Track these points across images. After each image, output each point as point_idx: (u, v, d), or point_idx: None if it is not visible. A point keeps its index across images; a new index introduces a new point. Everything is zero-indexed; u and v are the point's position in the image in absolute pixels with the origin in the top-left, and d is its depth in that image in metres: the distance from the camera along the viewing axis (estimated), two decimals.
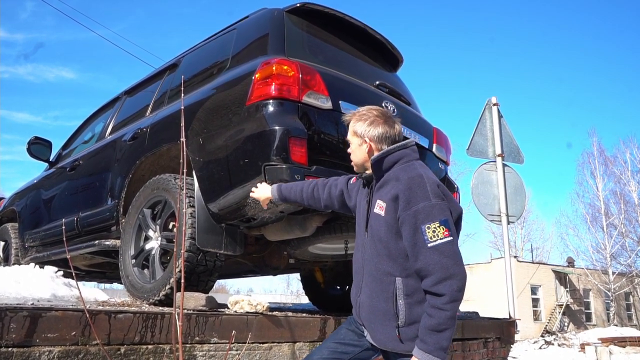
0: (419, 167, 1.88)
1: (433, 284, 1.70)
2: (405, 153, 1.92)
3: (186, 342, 2.32)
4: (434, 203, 1.75)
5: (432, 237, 1.71)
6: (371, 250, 1.91)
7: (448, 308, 1.69)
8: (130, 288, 3.18)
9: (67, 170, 4.42)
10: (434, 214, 1.73)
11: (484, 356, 4.10)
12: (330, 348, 2.02)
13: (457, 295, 1.70)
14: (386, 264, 1.84)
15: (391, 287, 1.82)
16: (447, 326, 1.69)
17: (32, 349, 1.91)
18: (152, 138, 3.37)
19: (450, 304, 1.69)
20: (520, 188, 5.43)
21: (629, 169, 27.86)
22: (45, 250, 4.48)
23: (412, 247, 1.75)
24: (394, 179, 1.86)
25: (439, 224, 1.72)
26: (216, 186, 2.83)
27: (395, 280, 1.81)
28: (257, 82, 2.75)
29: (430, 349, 1.69)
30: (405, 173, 1.84)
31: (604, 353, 14.61)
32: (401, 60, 3.91)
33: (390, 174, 1.90)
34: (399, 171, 1.87)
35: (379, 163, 1.92)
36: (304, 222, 2.94)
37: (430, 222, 1.72)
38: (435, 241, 1.71)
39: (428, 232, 1.72)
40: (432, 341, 1.69)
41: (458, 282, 1.70)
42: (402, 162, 1.90)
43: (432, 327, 1.69)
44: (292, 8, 3.23)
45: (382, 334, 1.85)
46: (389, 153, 1.92)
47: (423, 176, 1.81)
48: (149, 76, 4.29)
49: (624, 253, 27.33)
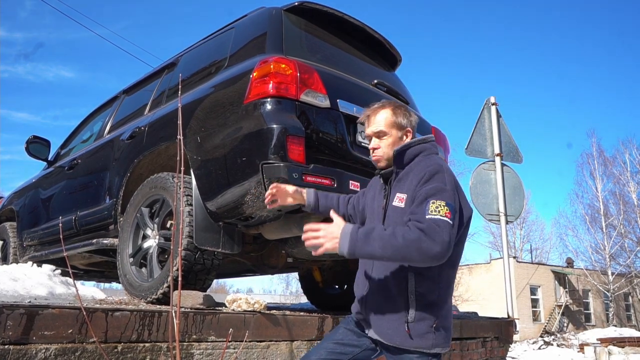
0: (439, 160, 1.90)
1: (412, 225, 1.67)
2: (426, 147, 1.94)
3: (183, 340, 2.32)
4: (448, 188, 1.75)
5: (433, 211, 1.69)
6: None
7: (397, 242, 1.63)
8: (128, 287, 3.17)
9: (66, 169, 4.42)
10: (444, 196, 1.72)
11: (482, 356, 4.09)
12: (329, 348, 1.99)
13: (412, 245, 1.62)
14: None
15: (404, 282, 1.80)
16: (379, 245, 1.65)
17: (29, 347, 1.91)
18: (150, 137, 3.37)
19: (403, 241, 1.63)
20: (519, 188, 5.43)
21: (628, 169, 27.93)
22: (43, 249, 4.48)
23: (412, 214, 1.73)
24: (414, 169, 1.87)
25: (445, 204, 1.70)
26: (214, 184, 2.83)
27: (408, 275, 1.80)
28: (255, 81, 2.75)
29: (353, 238, 1.67)
30: (425, 163, 1.86)
31: (603, 353, 14.62)
32: (399, 59, 3.91)
33: (412, 165, 1.90)
34: (419, 162, 1.89)
35: (401, 155, 1.92)
36: (302, 220, 2.94)
37: (437, 199, 1.71)
38: (434, 215, 1.68)
39: (432, 205, 1.70)
40: (361, 236, 1.67)
41: (427, 246, 1.62)
42: (423, 155, 1.92)
43: (374, 232, 1.67)
44: (290, 7, 3.23)
45: (390, 328, 1.83)
46: (411, 145, 1.93)
47: (443, 166, 1.83)
48: (147, 75, 4.29)
49: (623, 254, 27.39)
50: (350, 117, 2.96)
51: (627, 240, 27.28)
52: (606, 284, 27.07)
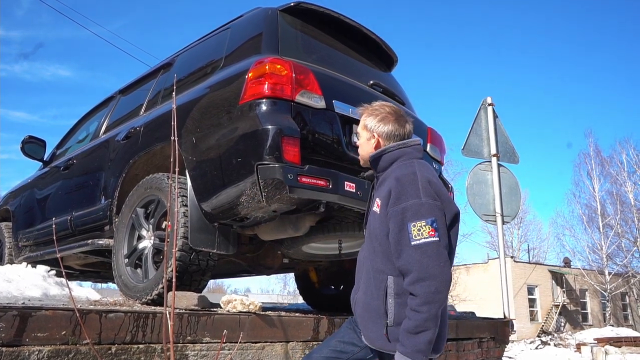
0: (416, 165, 1.86)
1: (410, 283, 1.69)
2: (406, 152, 1.92)
3: (178, 342, 2.31)
4: (424, 202, 1.73)
5: (416, 236, 1.69)
6: (368, 248, 1.91)
7: (423, 310, 1.65)
8: (123, 287, 3.17)
9: (61, 169, 4.41)
10: (422, 213, 1.71)
11: (478, 356, 4.10)
12: (331, 347, 2.01)
13: (433, 297, 1.65)
14: (380, 261, 1.83)
15: (383, 284, 1.81)
16: (423, 328, 1.65)
17: (22, 349, 1.90)
18: (146, 137, 3.37)
19: (425, 306, 1.65)
20: (516, 188, 5.44)
21: (625, 169, 27.95)
22: (38, 250, 4.47)
23: (396, 245, 1.74)
24: (390, 176, 1.86)
25: (425, 223, 1.70)
26: (209, 185, 2.83)
27: (387, 279, 1.80)
28: (250, 81, 2.74)
29: (408, 351, 1.66)
30: (400, 170, 1.84)
31: (599, 353, 14.66)
32: (396, 60, 3.91)
33: (389, 171, 1.90)
34: (396, 169, 1.87)
35: (376, 160, 1.93)
36: (297, 221, 2.94)
37: (417, 221, 1.71)
38: (418, 240, 1.69)
39: (413, 230, 1.70)
40: (410, 344, 1.66)
41: (437, 284, 1.65)
42: (400, 161, 1.90)
43: (408, 329, 1.67)
44: (286, 7, 3.23)
45: (373, 332, 1.84)
46: (386, 151, 1.92)
47: (416, 174, 1.80)
48: (143, 75, 4.28)
49: (620, 253, 27.45)
50: (346, 118, 2.96)
51: (624, 240, 27.34)
52: (603, 283, 27.11)
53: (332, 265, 4.29)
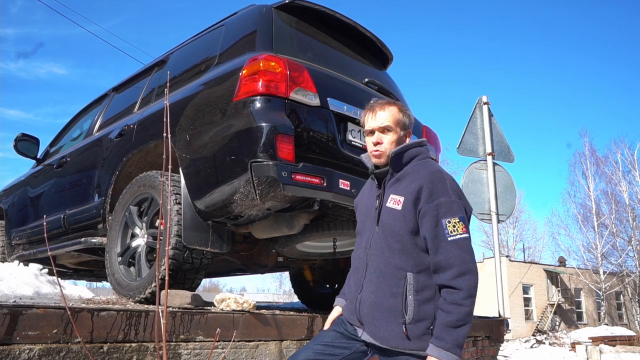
0: (436, 165, 1.91)
1: (452, 277, 1.71)
2: (421, 150, 1.95)
3: (171, 340, 2.30)
4: (454, 199, 1.78)
5: (452, 232, 1.74)
6: (381, 246, 1.87)
7: (467, 303, 1.69)
8: (116, 286, 3.15)
9: (55, 167, 4.38)
10: (454, 210, 1.76)
11: (473, 355, 4.10)
12: (317, 350, 1.95)
13: (474, 291, 1.71)
14: (398, 258, 1.81)
15: (402, 282, 1.79)
16: (464, 322, 1.69)
17: (12, 347, 1.88)
18: (140, 135, 3.34)
19: (468, 299, 1.70)
20: (511, 187, 5.44)
21: (620, 169, 28.09)
22: (32, 248, 4.44)
23: (433, 240, 1.76)
24: (412, 173, 1.86)
25: (458, 220, 1.75)
26: (203, 183, 2.81)
27: (407, 275, 1.78)
28: (244, 79, 2.72)
29: (448, 345, 1.67)
30: (426, 168, 1.86)
31: (594, 352, 14.72)
32: (391, 58, 3.90)
33: (409, 168, 1.90)
34: (417, 166, 1.89)
35: (399, 156, 1.91)
36: (291, 219, 2.93)
37: (451, 217, 1.75)
38: (455, 235, 1.74)
39: (449, 226, 1.74)
40: (450, 338, 1.67)
41: (474, 278, 1.72)
42: (419, 158, 1.92)
43: (449, 324, 1.68)
44: (280, 4, 3.21)
45: (387, 331, 1.79)
46: (409, 147, 1.93)
47: (443, 172, 1.85)
48: (137, 73, 4.25)
49: (614, 253, 27.57)
50: (340, 115, 2.95)
51: (619, 240, 27.49)
52: (598, 282, 27.23)
53: (327, 263, 4.28)
